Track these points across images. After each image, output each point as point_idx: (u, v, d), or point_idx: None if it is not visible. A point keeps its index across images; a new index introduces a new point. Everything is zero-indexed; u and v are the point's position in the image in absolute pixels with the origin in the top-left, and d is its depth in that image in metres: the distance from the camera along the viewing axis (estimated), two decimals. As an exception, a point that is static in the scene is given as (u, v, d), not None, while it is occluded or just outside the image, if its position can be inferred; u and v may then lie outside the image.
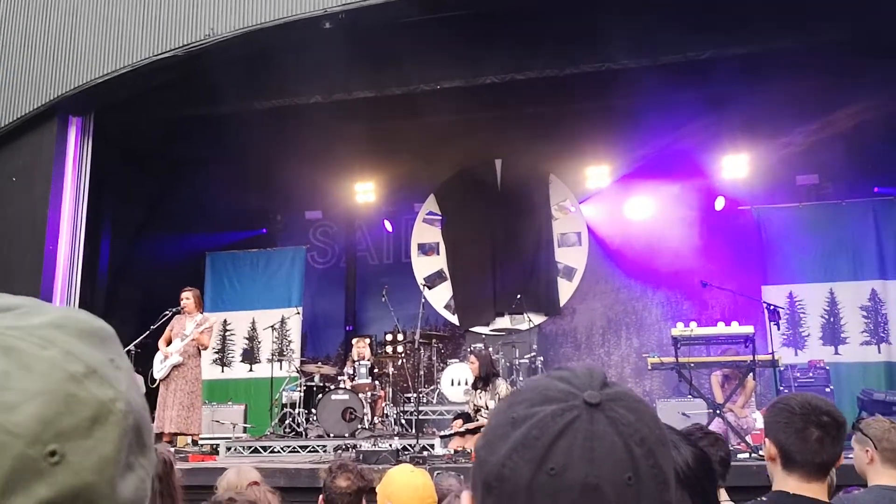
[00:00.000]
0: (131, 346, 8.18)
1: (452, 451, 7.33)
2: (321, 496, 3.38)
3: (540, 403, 0.73)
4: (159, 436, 8.17)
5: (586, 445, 0.70)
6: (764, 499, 2.09)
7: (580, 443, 0.70)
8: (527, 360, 10.70)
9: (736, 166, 11.44)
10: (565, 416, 0.71)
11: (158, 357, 8.29)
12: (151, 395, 8.39)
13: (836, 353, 10.41)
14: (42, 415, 0.55)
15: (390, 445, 6.96)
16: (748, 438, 7.24)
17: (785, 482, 2.07)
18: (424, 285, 11.03)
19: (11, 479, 0.52)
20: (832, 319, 10.58)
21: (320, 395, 9.33)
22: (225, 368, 12.52)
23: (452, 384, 10.22)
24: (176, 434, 8.16)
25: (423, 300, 9.96)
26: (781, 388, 8.57)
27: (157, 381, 8.25)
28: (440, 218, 12.81)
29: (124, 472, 0.59)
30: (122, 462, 0.59)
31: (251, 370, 12.43)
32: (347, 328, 13.26)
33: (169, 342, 8.33)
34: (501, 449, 0.72)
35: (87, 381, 0.58)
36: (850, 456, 3.28)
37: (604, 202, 12.22)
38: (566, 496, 0.69)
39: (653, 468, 0.71)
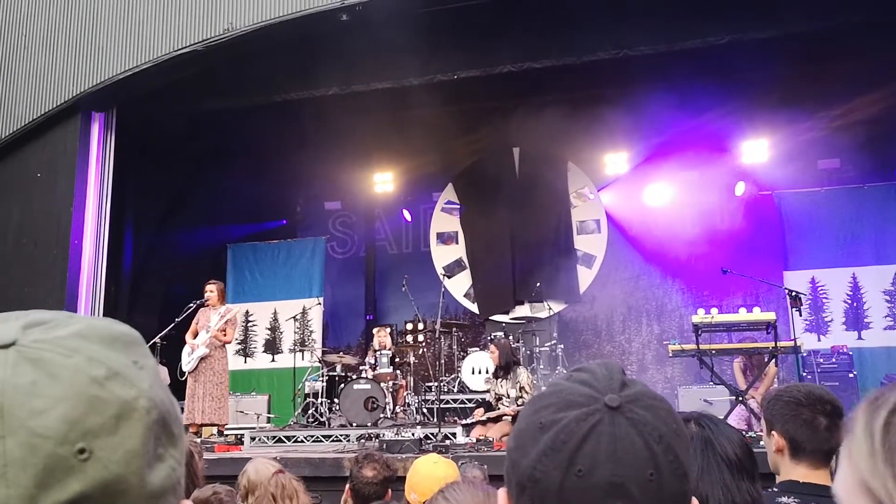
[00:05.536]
0: (156, 339, 8.30)
1: (475, 440, 7.37)
2: (348, 486, 3.44)
3: (565, 409, 0.78)
4: (187, 427, 8.30)
5: (610, 447, 0.75)
6: (776, 489, 2.12)
7: (604, 445, 0.75)
8: (547, 348, 10.73)
9: (756, 151, 11.35)
10: (589, 421, 0.77)
11: (186, 350, 8.41)
12: (180, 388, 8.52)
13: (860, 338, 10.34)
14: (68, 417, 0.60)
15: (413, 434, 7.01)
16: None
17: (793, 471, 2.12)
18: (444, 275, 11.05)
19: (45, 476, 0.58)
20: (855, 304, 10.50)
21: (342, 385, 9.41)
22: (248, 359, 12.67)
23: (473, 372, 10.27)
24: (202, 425, 8.27)
25: (442, 289, 9.99)
26: (804, 374, 8.53)
27: (186, 374, 8.37)
28: (459, 207, 12.84)
29: (153, 462, 0.64)
30: (149, 454, 0.64)
31: (273, 360, 12.56)
32: (368, 317, 13.34)
33: (195, 335, 8.44)
34: (532, 452, 0.77)
35: (110, 382, 0.63)
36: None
37: (623, 189, 12.17)
38: (594, 495, 0.75)
39: (672, 463, 0.77)
